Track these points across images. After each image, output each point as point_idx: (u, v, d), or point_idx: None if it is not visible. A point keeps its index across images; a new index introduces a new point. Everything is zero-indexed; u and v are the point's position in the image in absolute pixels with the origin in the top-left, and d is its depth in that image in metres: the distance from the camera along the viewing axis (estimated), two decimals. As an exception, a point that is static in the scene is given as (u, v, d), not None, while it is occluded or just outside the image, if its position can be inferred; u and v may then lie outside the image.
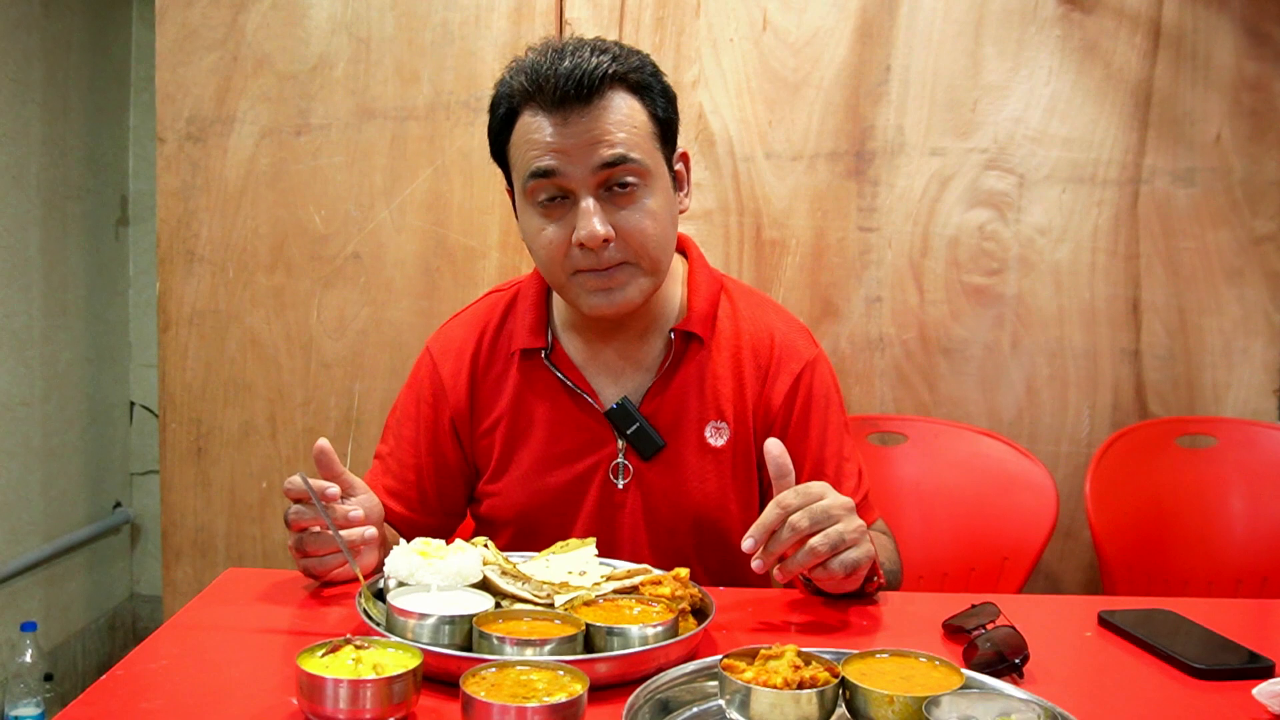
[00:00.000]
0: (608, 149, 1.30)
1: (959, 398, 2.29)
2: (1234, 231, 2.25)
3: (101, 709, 0.96)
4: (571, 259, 1.34)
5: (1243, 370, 2.26)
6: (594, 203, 1.31)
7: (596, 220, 1.30)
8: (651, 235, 1.34)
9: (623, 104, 1.32)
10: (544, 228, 1.35)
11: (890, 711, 0.91)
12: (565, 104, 1.30)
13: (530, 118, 1.33)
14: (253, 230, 2.35)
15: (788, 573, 1.20)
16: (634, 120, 1.33)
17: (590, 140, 1.30)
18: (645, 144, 1.34)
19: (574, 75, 1.29)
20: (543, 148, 1.31)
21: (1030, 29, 2.23)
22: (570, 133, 1.30)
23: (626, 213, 1.33)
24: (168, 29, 2.33)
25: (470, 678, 0.92)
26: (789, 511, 1.17)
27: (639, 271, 1.36)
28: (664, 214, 1.36)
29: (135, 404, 3.20)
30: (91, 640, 3.02)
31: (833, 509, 1.19)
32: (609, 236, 1.31)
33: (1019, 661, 1.07)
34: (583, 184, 1.31)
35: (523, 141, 1.34)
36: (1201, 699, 1.06)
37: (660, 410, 1.44)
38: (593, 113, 1.30)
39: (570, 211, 1.33)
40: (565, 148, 1.30)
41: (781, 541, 1.17)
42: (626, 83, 1.33)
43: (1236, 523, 2.10)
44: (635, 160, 1.32)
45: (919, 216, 2.27)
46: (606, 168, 1.31)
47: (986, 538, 2.03)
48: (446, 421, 1.49)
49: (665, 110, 1.37)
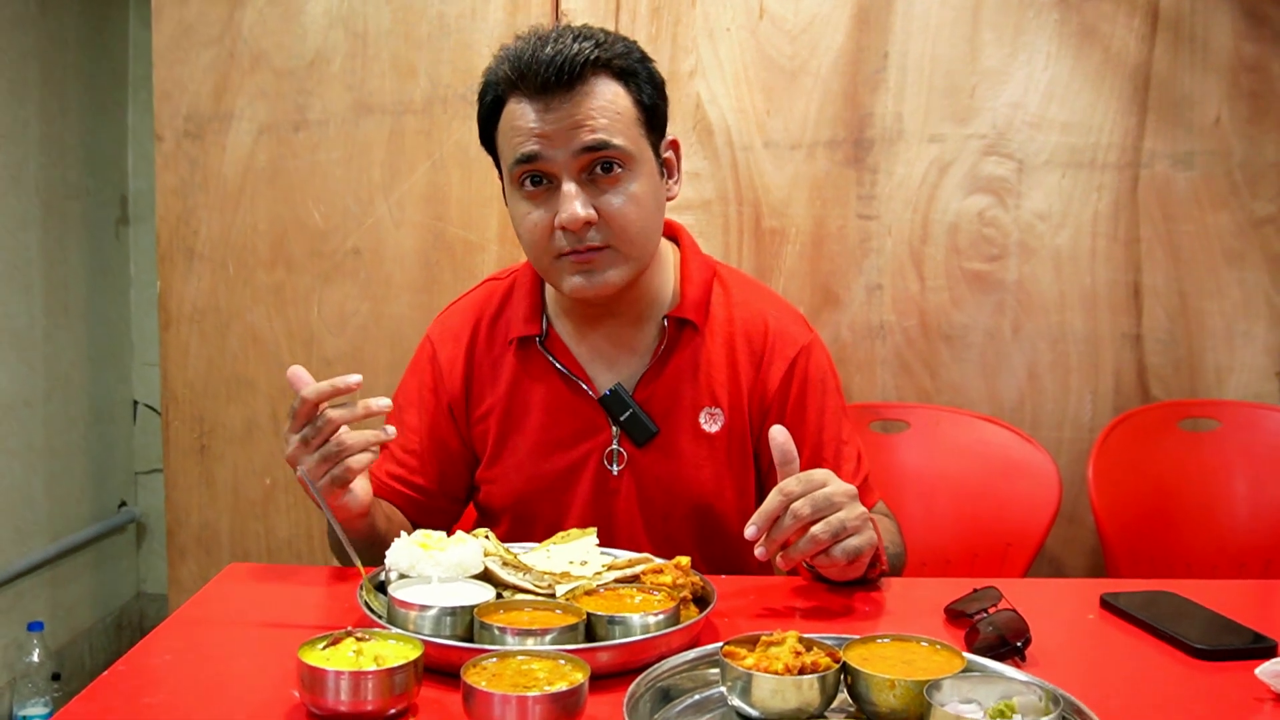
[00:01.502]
0: (588, 134, 1.31)
1: (960, 384, 2.29)
2: (1234, 214, 2.24)
3: (103, 704, 0.96)
4: (555, 242, 1.35)
5: (1244, 353, 2.25)
6: (575, 186, 1.33)
7: (578, 203, 1.32)
8: (633, 220, 1.35)
9: (606, 90, 1.33)
10: (529, 212, 1.36)
11: (892, 696, 0.91)
12: (548, 90, 1.31)
13: (515, 105, 1.34)
14: (252, 227, 2.35)
15: (790, 560, 1.20)
16: (616, 106, 1.33)
17: (571, 125, 1.31)
18: (629, 130, 1.34)
19: (555, 62, 1.30)
20: (526, 134, 1.32)
21: (1028, 13, 2.22)
22: (552, 118, 1.31)
23: (608, 197, 1.34)
24: (164, 26, 2.33)
25: (471, 668, 0.92)
26: (791, 499, 1.17)
27: (619, 256, 1.36)
28: (647, 200, 1.37)
29: (138, 403, 3.20)
30: (98, 639, 3.03)
31: (835, 496, 1.19)
32: (590, 219, 1.33)
33: (1021, 645, 1.07)
34: (564, 168, 1.33)
35: (508, 128, 1.35)
36: (1204, 679, 1.06)
37: (654, 397, 1.44)
38: (575, 98, 1.31)
39: (554, 196, 1.34)
40: (547, 133, 1.32)
41: (784, 529, 1.17)
42: (610, 69, 1.34)
43: (1239, 506, 2.10)
44: (616, 146, 1.33)
45: (918, 203, 2.26)
46: (587, 151, 1.32)
47: (989, 524, 2.02)
48: (445, 407, 1.50)
49: (651, 96, 1.38)
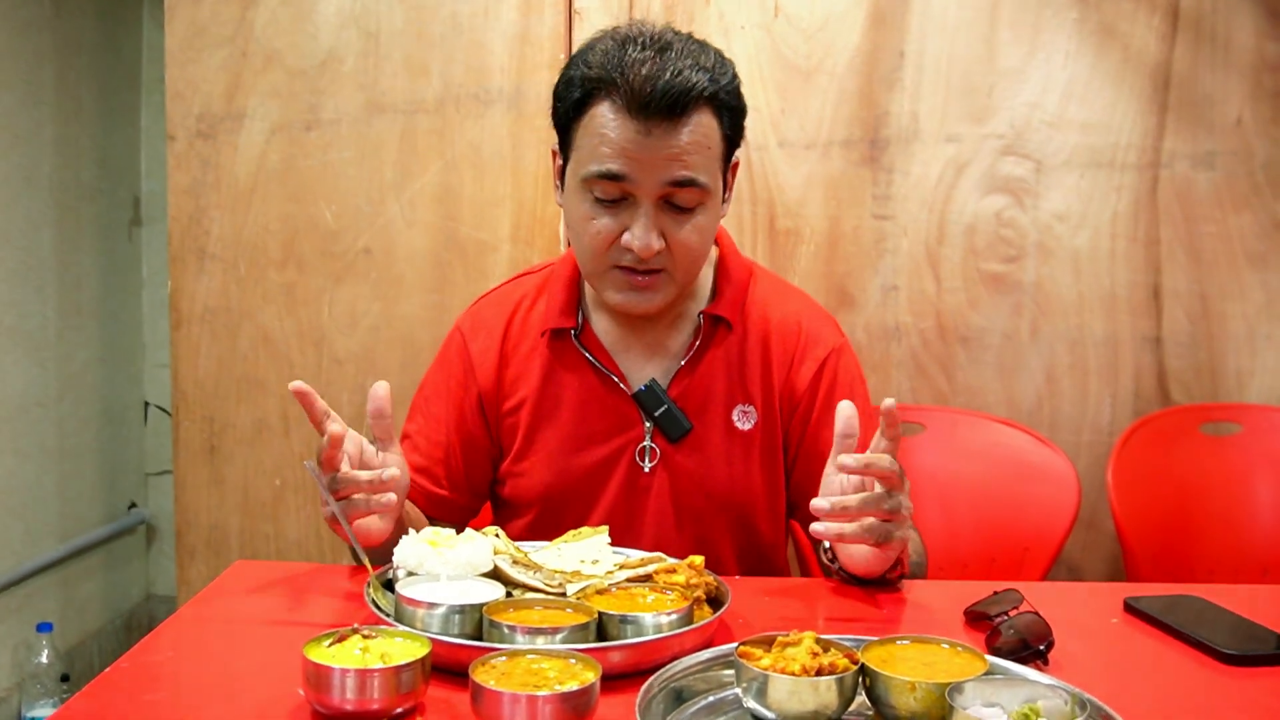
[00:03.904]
0: (680, 169, 1.30)
1: (977, 387, 2.26)
2: (1256, 215, 2.21)
3: (106, 701, 0.95)
4: (615, 253, 1.35)
5: (1267, 356, 2.22)
6: (654, 213, 1.32)
7: (654, 234, 1.32)
8: (695, 250, 1.36)
9: (705, 125, 1.31)
10: (595, 216, 1.34)
11: (912, 699, 0.89)
12: (651, 114, 1.28)
13: (609, 112, 1.30)
14: (264, 227, 2.34)
15: (836, 535, 1.19)
16: (709, 141, 1.32)
17: (667, 157, 1.29)
18: (713, 165, 1.34)
19: (670, 92, 1.27)
20: (616, 149, 1.29)
21: (1046, 12, 2.19)
22: (648, 144, 1.29)
23: (679, 227, 1.34)
24: (177, 26, 2.32)
25: (480, 666, 0.90)
26: (872, 472, 1.18)
27: (672, 280, 1.37)
28: (710, 229, 1.38)
29: (149, 404, 3.20)
30: (108, 641, 3.01)
31: (895, 484, 1.20)
32: (660, 250, 1.33)
33: (1044, 648, 1.05)
34: (647, 193, 1.31)
35: (595, 132, 1.31)
36: (1234, 685, 1.03)
37: (688, 393, 1.43)
38: (675, 128, 1.29)
39: (624, 210, 1.33)
40: (640, 157, 1.29)
41: (853, 508, 1.18)
42: (714, 101, 1.32)
43: (1263, 510, 2.07)
44: (702, 184, 1.32)
45: (935, 204, 2.24)
46: (674, 185, 1.31)
47: (1007, 528, 2.00)
48: (474, 399, 1.48)
49: (736, 129, 1.37)
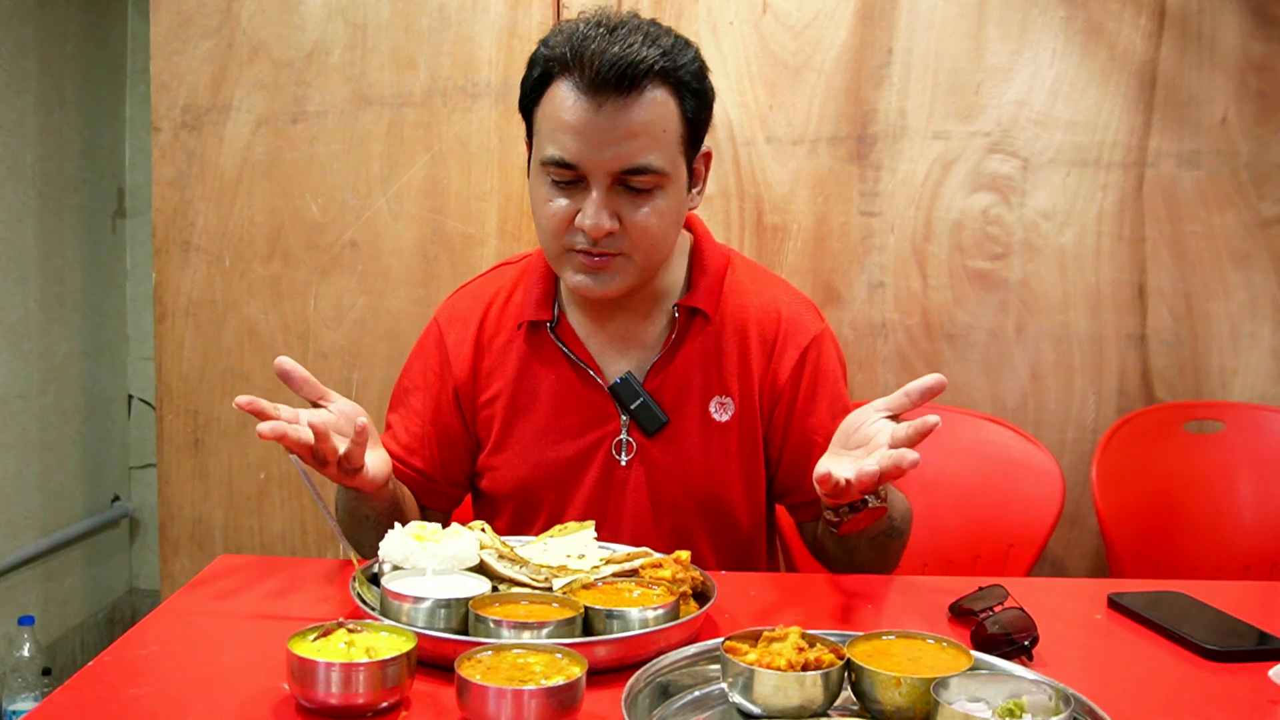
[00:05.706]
0: (628, 153, 1.28)
1: (963, 384, 2.26)
2: (1240, 215, 2.22)
3: (88, 695, 0.94)
4: (570, 235, 1.33)
5: (1250, 355, 2.23)
6: (604, 195, 1.30)
7: (604, 214, 1.29)
8: (654, 233, 1.33)
9: (658, 101, 1.29)
10: (551, 198, 1.33)
11: (897, 694, 0.89)
12: (602, 90, 1.26)
13: (565, 90, 1.29)
14: (249, 219, 2.33)
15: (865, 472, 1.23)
16: (664, 122, 1.30)
17: (617, 136, 1.27)
18: (670, 148, 1.31)
19: (618, 65, 1.25)
20: (568, 130, 1.28)
21: (1033, 10, 2.20)
22: (598, 122, 1.27)
23: (634, 209, 1.31)
24: (162, 16, 2.31)
25: (466, 661, 0.90)
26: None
27: (630, 264, 1.35)
28: (671, 214, 1.35)
29: (133, 397, 3.18)
30: (90, 635, 3.00)
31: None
32: (612, 230, 1.31)
33: (1028, 643, 1.06)
34: (597, 174, 1.29)
35: (552, 113, 1.30)
36: (1215, 680, 1.04)
37: (664, 386, 1.42)
38: (626, 104, 1.27)
39: (579, 192, 1.31)
40: (590, 135, 1.27)
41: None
42: (669, 80, 1.29)
43: (1245, 508, 2.08)
44: (656, 168, 1.30)
45: (922, 201, 2.24)
46: (626, 165, 1.29)
47: (991, 525, 2.00)
48: (450, 392, 1.48)
49: (698, 112, 1.34)
